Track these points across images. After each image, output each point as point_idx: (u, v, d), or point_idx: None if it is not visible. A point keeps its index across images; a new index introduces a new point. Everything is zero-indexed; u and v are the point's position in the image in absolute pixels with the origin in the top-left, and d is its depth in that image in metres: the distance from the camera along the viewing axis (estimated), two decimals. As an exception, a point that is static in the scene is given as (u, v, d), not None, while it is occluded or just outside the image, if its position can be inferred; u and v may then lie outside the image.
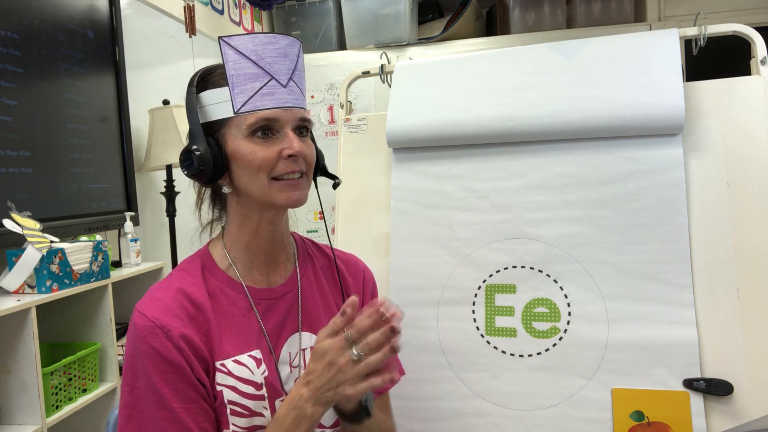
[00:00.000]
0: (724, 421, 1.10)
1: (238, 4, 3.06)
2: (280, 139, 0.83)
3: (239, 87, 0.82)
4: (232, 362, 0.83)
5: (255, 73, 0.82)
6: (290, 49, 0.85)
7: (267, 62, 0.82)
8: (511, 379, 1.23)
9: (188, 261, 0.90)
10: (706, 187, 1.18)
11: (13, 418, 1.34)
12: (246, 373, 0.84)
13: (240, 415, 0.82)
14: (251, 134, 0.82)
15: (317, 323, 0.92)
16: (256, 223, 0.87)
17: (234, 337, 0.84)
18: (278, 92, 0.83)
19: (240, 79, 0.82)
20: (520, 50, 1.34)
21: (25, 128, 1.57)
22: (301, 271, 0.95)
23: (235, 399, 0.82)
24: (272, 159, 0.82)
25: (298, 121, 0.85)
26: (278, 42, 0.83)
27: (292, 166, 0.83)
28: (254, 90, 0.82)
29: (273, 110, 0.82)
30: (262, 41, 0.83)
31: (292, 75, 0.85)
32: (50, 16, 1.70)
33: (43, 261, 1.39)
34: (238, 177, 0.84)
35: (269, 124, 0.82)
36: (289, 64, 0.84)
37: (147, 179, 2.27)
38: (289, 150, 0.82)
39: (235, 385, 0.83)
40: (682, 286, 1.15)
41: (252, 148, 0.82)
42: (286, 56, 0.84)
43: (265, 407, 0.84)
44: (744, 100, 1.19)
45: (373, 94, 3.19)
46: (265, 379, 0.85)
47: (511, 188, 1.27)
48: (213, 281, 0.87)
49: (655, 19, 3.13)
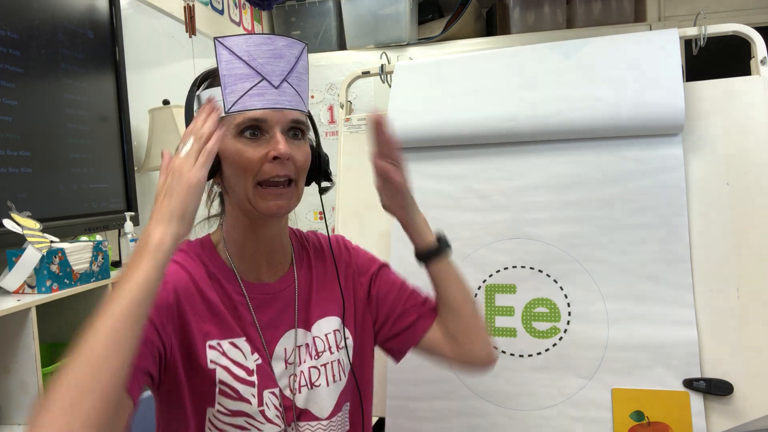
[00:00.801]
0: (724, 421, 1.10)
1: (238, 4, 3.05)
2: (267, 141, 0.82)
3: (230, 87, 0.81)
4: (228, 344, 0.84)
5: (246, 74, 0.81)
6: (288, 50, 0.84)
7: (259, 63, 0.82)
8: (511, 379, 1.23)
9: (188, 243, 0.91)
10: (706, 187, 1.18)
11: (13, 418, 1.34)
12: (240, 356, 0.84)
13: (228, 397, 0.83)
14: (239, 134, 0.81)
15: (311, 319, 0.92)
16: (248, 225, 0.88)
17: (218, 321, 0.85)
18: (268, 93, 0.82)
19: (231, 80, 0.81)
20: (520, 50, 1.34)
21: (25, 128, 1.57)
22: (297, 270, 0.95)
23: (226, 380, 0.83)
24: (258, 160, 0.81)
25: (290, 123, 0.83)
26: (274, 43, 0.83)
27: (278, 169, 0.81)
28: (244, 90, 0.81)
29: (261, 111, 0.81)
30: (255, 42, 0.82)
31: (287, 76, 0.83)
32: (50, 16, 1.70)
33: (43, 261, 1.39)
34: (227, 178, 0.84)
35: (257, 125, 0.81)
36: (285, 66, 0.83)
37: (147, 179, 2.27)
38: (275, 152, 0.80)
39: (229, 366, 0.83)
40: (682, 286, 1.15)
41: (239, 148, 0.81)
42: (282, 57, 0.83)
43: (253, 394, 0.84)
44: (744, 100, 1.19)
45: (373, 94, 3.18)
46: (257, 367, 0.85)
47: (511, 188, 1.27)
48: (210, 267, 0.88)
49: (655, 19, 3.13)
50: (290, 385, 0.88)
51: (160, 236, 0.70)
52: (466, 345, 0.96)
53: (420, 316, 0.98)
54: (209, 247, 0.90)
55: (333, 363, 0.92)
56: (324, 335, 0.93)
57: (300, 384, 0.89)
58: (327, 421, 0.90)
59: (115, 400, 0.63)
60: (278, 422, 0.85)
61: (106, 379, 0.62)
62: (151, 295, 0.68)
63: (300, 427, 0.88)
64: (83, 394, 0.61)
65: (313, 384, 0.89)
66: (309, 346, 0.91)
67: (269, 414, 0.85)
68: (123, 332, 0.64)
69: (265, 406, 0.84)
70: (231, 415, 0.83)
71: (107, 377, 0.62)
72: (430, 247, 0.95)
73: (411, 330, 0.98)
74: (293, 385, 0.88)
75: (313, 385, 0.89)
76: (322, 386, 0.90)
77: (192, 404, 0.83)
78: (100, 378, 0.62)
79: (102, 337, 0.63)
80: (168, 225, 0.71)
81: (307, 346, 0.91)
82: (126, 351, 0.64)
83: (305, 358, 0.90)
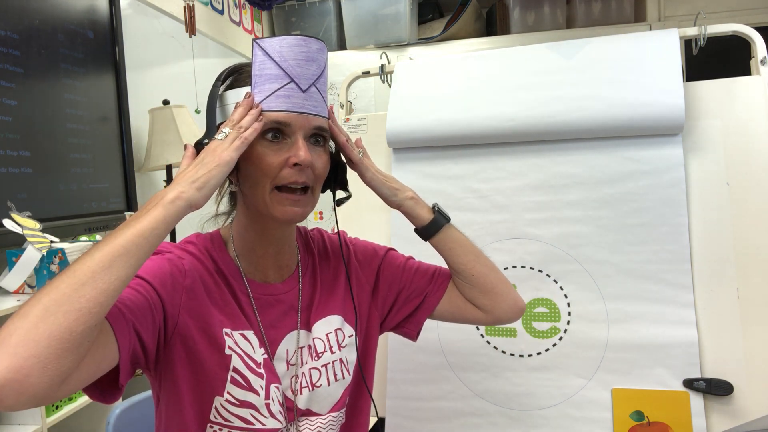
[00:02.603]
0: (724, 421, 1.10)
1: (238, 4, 3.05)
2: (289, 146, 0.80)
3: (259, 86, 0.80)
4: (239, 334, 0.84)
5: (276, 74, 0.80)
6: (320, 54, 0.82)
7: (290, 64, 0.80)
8: (511, 379, 1.23)
9: (198, 236, 0.91)
10: (706, 187, 1.18)
11: (13, 418, 1.34)
12: (249, 348, 0.84)
13: (239, 386, 0.82)
14: (261, 135, 0.80)
15: (314, 321, 0.92)
16: (259, 226, 0.87)
17: (228, 312, 0.85)
18: (295, 96, 0.80)
19: (261, 79, 0.80)
20: (520, 50, 1.34)
21: (25, 128, 1.57)
22: (303, 272, 0.95)
23: (240, 368, 0.82)
24: (277, 165, 0.80)
25: (313, 129, 0.82)
26: (308, 45, 0.81)
27: (296, 176, 0.80)
28: (271, 90, 0.80)
29: (285, 114, 0.80)
30: (289, 43, 0.80)
31: (315, 81, 0.82)
32: (50, 16, 1.70)
33: (43, 261, 1.39)
34: (244, 178, 0.83)
35: (280, 128, 0.80)
36: (315, 70, 0.82)
37: (147, 179, 2.27)
38: (295, 158, 0.79)
39: (242, 355, 0.83)
40: (682, 286, 1.15)
41: (260, 152, 0.80)
42: (314, 61, 0.81)
43: (261, 386, 0.84)
44: (744, 100, 1.19)
45: (373, 94, 3.18)
46: (264, 361, 0.85)
47: (511, 188, 1.27)
48: (219, 263, 0.88)
49: (655, 19, 3.13)
50: (292, 387, 0.88)
51: (176, 194, 0.70)
52: (488, 306, 0.97)
53: (427, 294, 0.99)
54: (218, 243, 0.90)
55: (334, 363, 0.92)
56: (324, 335, 0.92)
57: (301, 385, 0.89)
58: (327, 415, 0.91)
59: (90, 322, 0.61)
60: (281, 419, 0.85)
61: (87, 293, 0.61)
62: (153, 242, 0.67)
63: (299, 422, 0.88)
64: (60, 301, 0.60)
65: (314, 385, 0.89)
66: (310, 348, 0.91)
67: (273, 409, 0.85)
68: (116, 260, 0.63)
69: (271, 400, 0.84)
70: (239, 406, 0.83)
71: (89, 292, 0.61)
72: (424, 222, 0.96)
73: (420, 310, 1.00)
74: (295, 387, 0.88)
75: (314, 386, 0.89)
76: (323, 386, 0.90)
77: (196, 392, 0.82)
78: (82, 292, 0.60)
79: (96, 259, 0.63)
80: (186, 188, 0.71)
81: (308, 348, 0.91)
82: (113, 278, 0.63)
83: (306, 360, 0.90)
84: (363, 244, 1.03)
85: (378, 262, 1.00)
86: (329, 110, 0.87)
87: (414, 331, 1.03)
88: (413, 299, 1.00)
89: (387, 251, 1.03)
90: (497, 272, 0.98)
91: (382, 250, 1.03)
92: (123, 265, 0.64)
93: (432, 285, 1.00)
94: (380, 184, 0.94)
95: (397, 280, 1.00)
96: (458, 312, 1.00)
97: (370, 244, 1.03)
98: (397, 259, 1.02)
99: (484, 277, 0.96)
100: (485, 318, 0.99)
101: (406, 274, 1.00)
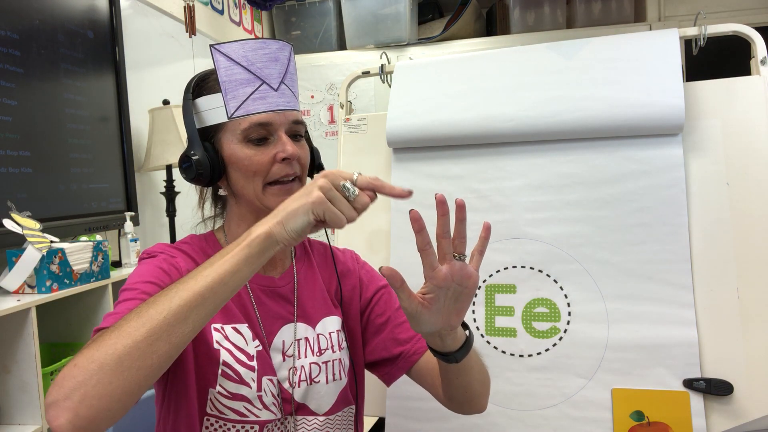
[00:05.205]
0: (724, 421, 1.10)
1: (238, 4, 3.05)
2: (273, 143, 0.85)
3: (231, 92, 0.84)
4: (231, 328, 0.86)
5: (246, 79, 0.84)
6: (281, 53, 0.87)
7: (258, 67, 0.84)
8: (510, 379, 1.23)
9: (193, 236, 0.94)
10: (706, 187, 1.18)
11: (13, 418, 1.34)
12: (241, 341, 0.86)
13: (230, 379, 0.84)
14: (245, 139, 0.84)
15: (313, 315, 0.94)
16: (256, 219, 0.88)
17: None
18: (270, 96, 0.85)
19: (232, 85, 0.84)
20: (520, 50, 1.34)
21: (25, 128, 1.57)
22: (298, 267, 0.97)
23: (229, 362, 0.84)
24: (267, 163, 0.84)
25: (291, 123, 0.86)
26: (268, 47, 0.85)
27: (287, 169, 0.85)
28: (246, 95, 0.84)
29: (266, 114, 0.84)
30: (252, 47, 0.84)
31: (283, 78, 0.87)
32: (50, 16, 1.70)
33: (43, 261, 1.39)
34: (234, 180, 0.87)
35: (263, 129, 0.84)
36: (280, 68, 0.86)
37: (147, 179, 2.27)
38: (283, 153, 0.84)
39: (231, 350, 0.85)
40: (682, 286, 1.15)
41: (247, 153, 0.84)
42: (277, 60, 0.86)
43: (253, 379, 0.85)
44: (744, 100, 1.19)
45: (373, 94, 3.18)
46: (258, 353, 0.87)
47: (511, 188, 1.27)
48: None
49: (655, 19, 3.13)
50: (289, 379, 0.89)
51: (266, 229, 0.69)
52: (455, 407, 0.95)
53: (416, 340, 0.98)
54: (212, 242, 0.93)
55: (334, 361, 0.93)
56: (328, 333, 0.94)
57: (300, 378, 0.90)
58: (324, 417, 0.91)
59: (158, 375, 0.63)
60: (275, 410, 0.86)
61: (161, 348, 0.62)
62: (233, 286, 0.67)
63: (297, 420, 0.89)
64: (134, 355, 0.61)
65: (312, 380, 0.90)
66: (311, 342, 0.92)
67: (266, 401, 0.86)
68: (193, 312, 0.64)
69: (263, 392, 0.86)
70: (231, 398, 0.84)
71: (162, 347, 0.62)
72: (461, 341, 0.83)
73: (400, 361, 0.98)
74: (292, 379, 0.89)
75: (312, 381, 0.90)
76: (322, 383, 0.91)
77: (196, 384, 0.84)
78: (156, 347, 0.62)
79: (173, 309, 0.63)
80: (280, 224, 0.69)
81: (307, 341, 0.92)
82: (188, 330, 0.64)
83: (306, 353, 0.91)
84: (370, 268, 1.05)
85: (382, 284, 1.01)
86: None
87: (391, 377, 1.01)
88: (396, 345, 0.98)
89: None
90: (488, 391, 0.95)
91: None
92: (198, 317, 0.65)
93: (418, 341, 0.97)
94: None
95: (390, 308, 1.00)
96: (426, 382, 0.97)
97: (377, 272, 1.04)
98: (395, 299, 1.00)
99: (483, 396, 0.94)
100: (447, 405, 0.95)
101: (399, 312, 0.99)
